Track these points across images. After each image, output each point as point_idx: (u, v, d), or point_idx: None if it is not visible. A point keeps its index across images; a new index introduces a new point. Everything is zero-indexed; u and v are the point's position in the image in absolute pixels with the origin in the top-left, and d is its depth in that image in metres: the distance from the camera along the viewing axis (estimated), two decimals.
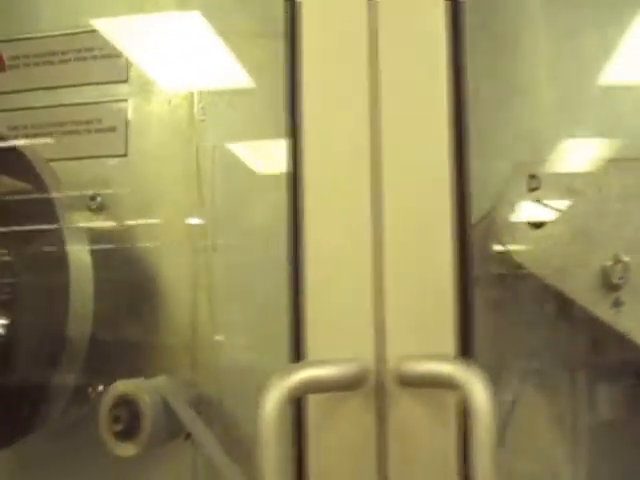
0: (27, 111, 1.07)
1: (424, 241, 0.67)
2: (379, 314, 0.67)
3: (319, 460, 0.65)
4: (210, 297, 0.99)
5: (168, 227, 1.02)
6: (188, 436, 0.99)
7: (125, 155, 1.04)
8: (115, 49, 1.04)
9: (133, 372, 0.97)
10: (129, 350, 1.01)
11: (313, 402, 0.65)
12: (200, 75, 1.03)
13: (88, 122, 1.05)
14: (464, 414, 0.64)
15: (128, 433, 0.84)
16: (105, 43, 1.05)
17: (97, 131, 1.05)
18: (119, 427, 0.83)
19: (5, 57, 1.08)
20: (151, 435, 0.84)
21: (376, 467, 0.67)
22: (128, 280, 1.01)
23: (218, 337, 1.01)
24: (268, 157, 1.01)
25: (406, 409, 0.66)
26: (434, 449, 0.66)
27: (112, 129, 1.04)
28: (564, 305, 0.90)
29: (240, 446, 0.99)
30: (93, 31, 1.05)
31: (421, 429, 0.66)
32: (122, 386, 0.85)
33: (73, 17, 1.08)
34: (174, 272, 1.02)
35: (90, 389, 0.99)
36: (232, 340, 1.02)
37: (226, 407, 1.01)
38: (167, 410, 0.89)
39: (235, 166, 1.02)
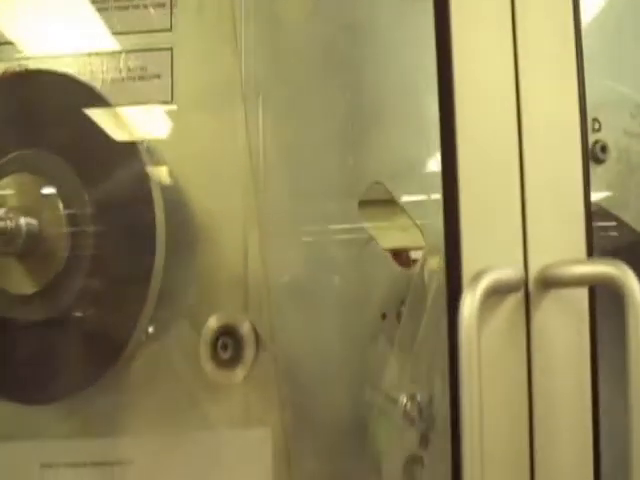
0: None
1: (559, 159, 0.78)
2: (524, 226, 0.77)
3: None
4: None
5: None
6: None
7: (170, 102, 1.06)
8: None
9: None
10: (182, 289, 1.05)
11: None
12: None
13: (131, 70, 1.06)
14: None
15: (233, 361, 0.89)
16: None
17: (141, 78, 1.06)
18: (227, 355, 0.87)
19: None
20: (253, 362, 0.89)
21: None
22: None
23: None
24: None
25: (549, 312, 0.77)
26: (570, 349, 0.77)
27: (157, 76, 1.06)
28: None
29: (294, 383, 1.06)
30: None
31: (560, 331, 0.78)
32: (224, 316, 0.89)
33: None
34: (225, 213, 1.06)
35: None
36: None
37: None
38: None
39: None
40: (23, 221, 0.88)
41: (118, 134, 0.96)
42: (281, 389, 1.04)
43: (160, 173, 1.01)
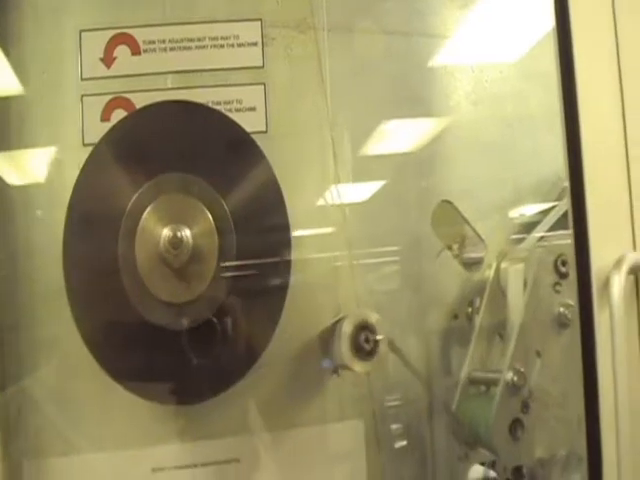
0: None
1: None
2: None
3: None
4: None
5: None
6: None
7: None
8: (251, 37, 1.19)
9: None
10: None
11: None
12: None
13: (227, 102, 1.18)
14: None
15: (370, 353, 1.03)
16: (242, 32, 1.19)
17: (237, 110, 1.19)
18: (369, 347, 1.02)
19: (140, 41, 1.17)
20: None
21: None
22: None
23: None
24: None
25: None
26: None
27: (252, 109, 1.19)
28: None
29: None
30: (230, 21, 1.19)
31: None
32: (362, 313, 1.04)
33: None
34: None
35: None
36: None
37: None
38: None
39: None
40: (188, 233, 0.98)
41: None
42: (371, 381, 1.17)
43: None
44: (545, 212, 1.23)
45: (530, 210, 1.26)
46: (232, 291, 1.03)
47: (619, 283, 0.88)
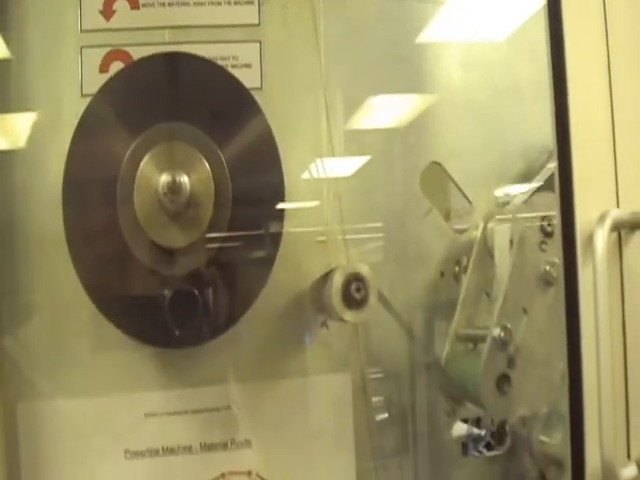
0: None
1: None
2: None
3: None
4: None
5: None
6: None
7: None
8: None
9: None
10: None
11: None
12: None
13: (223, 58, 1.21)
14: None
15: (360, 303, 1.06)
16: None
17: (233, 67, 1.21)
18: (359, 295, 1.05)
19: None
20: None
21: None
22: None
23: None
24: None
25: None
26: None
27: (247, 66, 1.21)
28: None
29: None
30: None
31: None
32: (353, 265, 1.07)
33: None
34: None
35: None
36: None
37: None
38: None
39: None
40: (186, 179, 1.00)
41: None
42: (360, 335, 1.21)
43: None
44: (532, 176, 1.26)
45: (518, 173, 1.29)
46: (227, 240, 1.04)
47: (602, 238, 0.91)
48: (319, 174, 1.21)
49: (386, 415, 1.25)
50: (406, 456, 1.28)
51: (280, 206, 1.08)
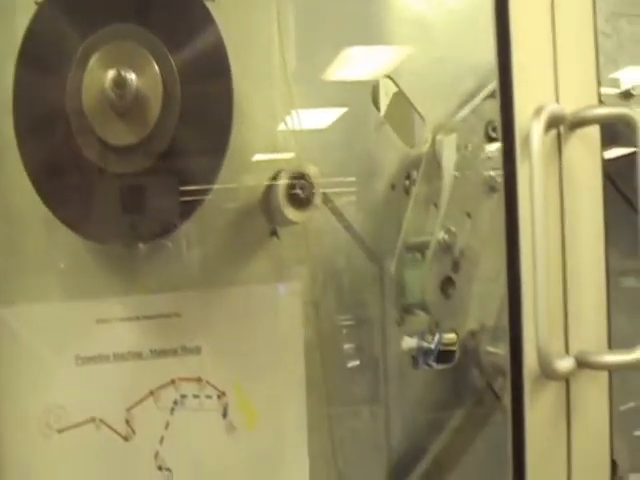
0: None
1: None
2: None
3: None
4: None
5: None
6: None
7: None
8: None
9: None
10: None
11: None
12: None
13: None
14: None
15: (305, 202, 1.08)
16: None
17: None
18: (303, 194, 1.06)
19: None
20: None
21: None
22: None
23: None
24: None
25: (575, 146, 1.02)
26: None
27: None
28: None
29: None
30: None
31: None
32: (299, 165, 1.08)
33: None
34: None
35: None
36: None
37: None
38: None
39: None
40: (133, 76, 1.01)
41: None
42: (310, 246, 1.23)
43: None
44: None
45: (468, 90, 1.31)
46: (174, 140, 1.06)
47: (537, 133, 0.92)
48: (271, 85, 1.21)
49: (338, 326, 1.27)
50: (359, 369, 1.31)
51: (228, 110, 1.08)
